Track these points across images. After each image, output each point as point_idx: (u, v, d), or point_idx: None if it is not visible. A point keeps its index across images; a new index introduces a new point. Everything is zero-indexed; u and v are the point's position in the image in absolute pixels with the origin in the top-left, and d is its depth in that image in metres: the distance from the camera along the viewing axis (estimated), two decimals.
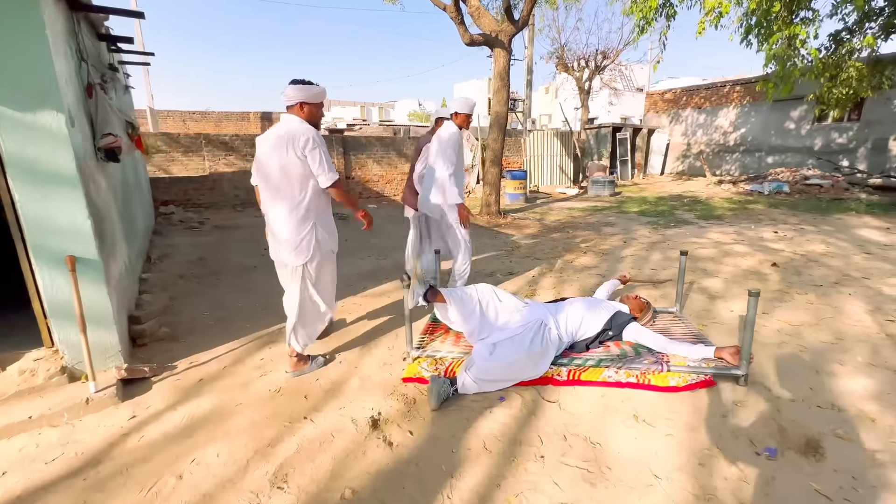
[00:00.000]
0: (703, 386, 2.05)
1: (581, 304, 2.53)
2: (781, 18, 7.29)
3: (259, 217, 8.14)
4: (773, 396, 1.98)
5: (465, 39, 7.28)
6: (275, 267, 2.49)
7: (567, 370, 2.19)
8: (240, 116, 18.09)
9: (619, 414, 1.91)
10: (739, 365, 2.04)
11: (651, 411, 1.92)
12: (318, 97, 2.17)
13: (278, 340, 2.84)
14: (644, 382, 2.08)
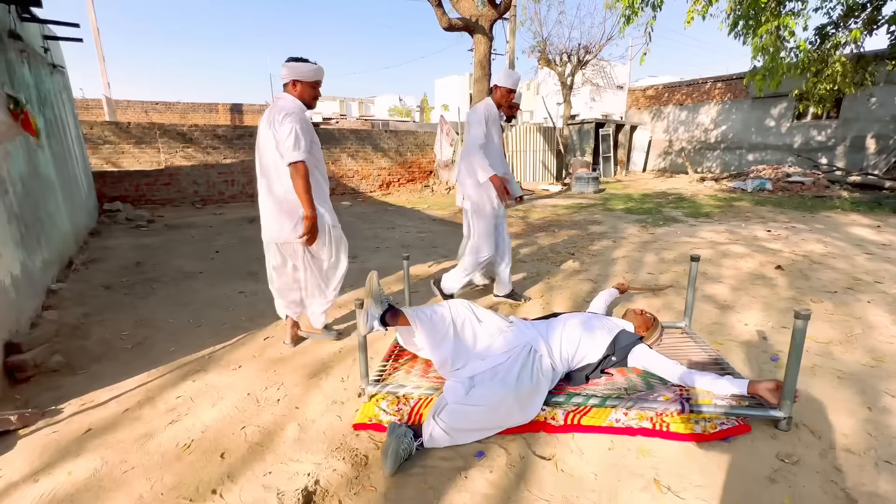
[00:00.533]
0: (737, 433, 1.61)
1: (577, 322, 2.07)
2: (770, 9, 7.03)
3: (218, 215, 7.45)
4: (827, 447, 1.56)
5: (442, 23, 6.77)
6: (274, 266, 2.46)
7: (564, 412, 1.72)
8: (208, 108, 17.11)
9: (634, 477, 1.45)
10: (780, 405, 1.61)
11: (676, 472, 1.46)
12: (311, 75, 2.13)
13: (209, 368, 2.29)
14: (661, 429, 1.63)
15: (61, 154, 4.58)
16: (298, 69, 2.12)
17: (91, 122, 7.64)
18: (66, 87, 5.79)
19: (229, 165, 8.78)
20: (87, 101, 15.09)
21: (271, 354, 2.46)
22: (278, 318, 2.96)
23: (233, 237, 5.58)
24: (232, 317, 2.99)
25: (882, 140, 11.41)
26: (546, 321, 2.13)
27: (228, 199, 8.88)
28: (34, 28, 4.16)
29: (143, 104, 15.84)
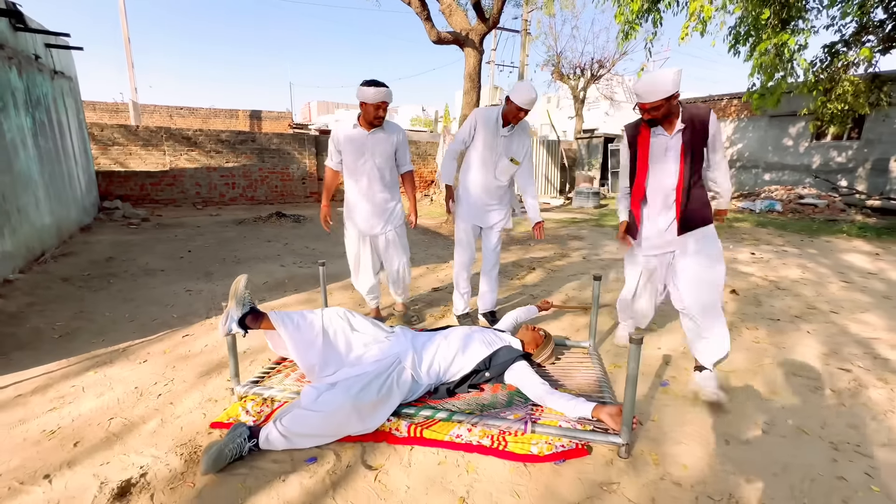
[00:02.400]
0: (572, 456, 1.57)
1: (458, 335, 2.06)
2: (771, 27, 6.85)
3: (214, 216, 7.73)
4: (657, 478, 1.50)
5: (432, 37, 6.89)
6: None
7: (408, 424, 1.72)
8: (229, 114, 17.85)
9: (444, 493, 1.44)
10: (619, 430, 1.56)
11: (487, 492, 1.44)
12: (367, 97, 2.41)
13: (116, 361, 2.39)
14: (498, 447, 1.60)
15: (52, 153, 4.89)
16: (360, 92, 2.43)
17: (102, 124, 8.12)
18: (72, 91, 6.19)
19: (231, 169, 9.12)
20: (118, 105, 16.02)
21: (181, 351, 2.55)
22: (207, 317, 3.07)
23: (213, 238, 5.79)
24: (166, 314, 3.11)
25: None
26: (430, 333, 2.13)
27: (229, 201, 9.21)
28: (30, 38, 4.50)
29: (169, 108, 16.68)
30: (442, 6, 7.14)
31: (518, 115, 2.51)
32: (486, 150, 2.63)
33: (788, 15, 6.86)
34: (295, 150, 9.70)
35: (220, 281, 3.92)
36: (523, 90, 2.45)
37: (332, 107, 51.74)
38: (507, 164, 2.64)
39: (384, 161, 2.62)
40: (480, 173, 2.68)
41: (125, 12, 13.61)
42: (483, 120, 2.60)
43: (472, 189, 2.72)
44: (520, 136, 2.64)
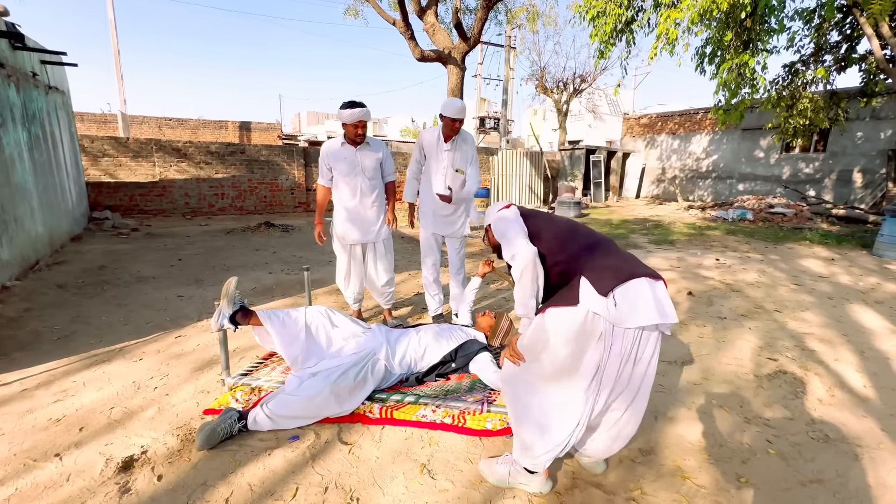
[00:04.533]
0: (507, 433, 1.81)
1: (430, 332, 2.31)
2: (733, 48, 7.32)
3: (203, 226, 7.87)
4: None
5: (415, 55, 7.24)
6: None
7: (380, 407, 1.95)
8: (218, 125, 18.00)
9: (408, 462, 1.67)
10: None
11: (445, 460, 1.68)
12: (344, 118, 2.67)
13: (114, 360, 2.58)
14: (458, 424, 1.85)
15: (45, 165, 5.06)
16: (339, 114, 2.70)
17: (92, 136, 8.26)
18: (65, 105, 6.37)
19: (220, 180, 9.30)
20: (106, 116, 16.08)
21: (175, 350, 2.75)
22: (199, 320, 3.26)
23: (202, 247, 5.97)
24: (159, 317, 3.30)
25: (868, 174, 11.41)
26: (403, 330, 2.37)
27: (217, 211, 9.36)
28: (28, 55, 4.70)
29: (157, 120, 16.80)
30: (426, 26, 7.50)
31: (454, 127, 2.83)
32: (436, 165, 2.97)
33: (749, 37, 7.36)
34: (284, 162, 9.92)
35: (211, 287, 4.11)
36: (449, 103, 2.81)
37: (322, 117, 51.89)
38: (454, 175, 2.96)
39: (372, 175, 2.89)
40: (439, 185, 2.98)
41: (115, 23, 13.79)
42: (427, 142, 2.97)
43: (430, 201, 3.01)
44: (461, 147, 2.95)
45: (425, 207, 3.05)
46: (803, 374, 2.39)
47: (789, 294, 4.14)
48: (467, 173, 2.96)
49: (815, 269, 5.39)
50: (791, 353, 2.71)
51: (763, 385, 2.26)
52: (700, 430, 1.87)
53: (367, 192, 2.89)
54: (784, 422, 1.94)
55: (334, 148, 2.85)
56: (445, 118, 2.81)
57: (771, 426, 1.91)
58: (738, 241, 7.67)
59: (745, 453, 1.71)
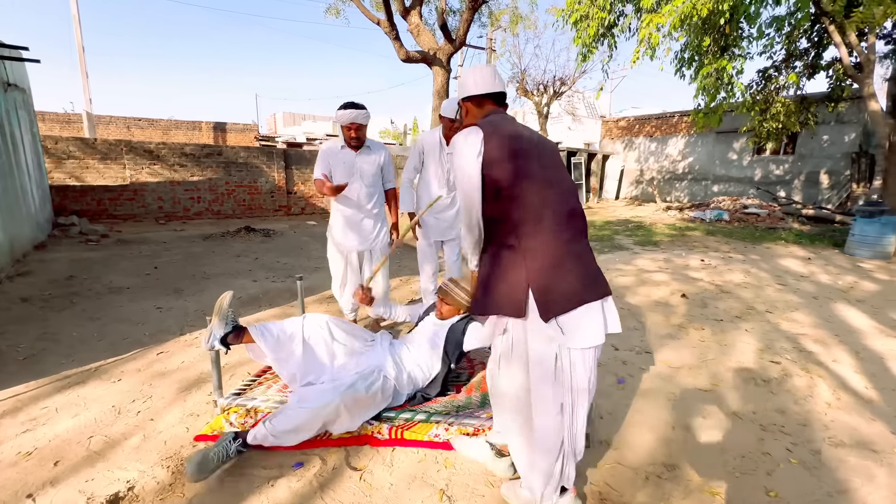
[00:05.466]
0: None
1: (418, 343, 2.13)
2: (711, 53, 7.50)
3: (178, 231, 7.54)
4: (614, 462, 1.69)
5: (400, 55, 7.12)
6: None
7: (389, 427, 1.84)
8: (191, 125, 17.37)
9: (424, 488, 1.56)
10: None
11: (465, 483, 1.58)
12: (339, 119, 2.59)
13: (89, 381, 2.37)
14: None
15: (5, 167, 4.70)
16: (336, 115, 2.60)
17: (56, 137, 7.79)
18: (25, 104, 5.96)
19: (196, 183, 8.93)
20: (70, 116, 15.28)
21: (157, 368, 2.55)
22: (181, 334, 3.06)
23: (179, 253, 5.68)
24: (136, 332, 3.08)
25: (834, 176, 11.93)
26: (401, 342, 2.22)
27: (193, 215, 8.99)
28: None
29: (126, 120, 16.06)
30: (410, 26, 7.39)
31: (454, 127, 2.73)
32: (438, 169, 2.86)
33: (726, 43, 7.56)
34: (263, 164, 9.62)
35: (191, 297, 3.89)
36: (448, 104, 2.74)
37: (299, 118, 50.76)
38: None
39: (371, 181, 2.75)
40: (437, 191, 2.87)
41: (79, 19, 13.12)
42: (428, 145, 2.85)
43: (436, 209, 2.90)
44: None
45: (427, 217, 2.94)
46: (807, 378, 2.40)
47: (777, 294, 4.23)
48: None
49: (795, 268, 5.55)
50: (790, 356, 2.74)
51: (772, 390, 2.25)
52: (719, 441, 1.83)
53: (364, 199, 2.77)
54: (799, 428, 1.93)
55: (334, 149, 2.71)
56: (445, 119, 2.73)
57: (787, 433, 1.89)
58: (718, 241, 7.85)
59: (768, 464, 1.68)
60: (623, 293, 4.18)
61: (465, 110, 1.52)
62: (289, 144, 18.20)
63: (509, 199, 1.30)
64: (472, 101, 1.49)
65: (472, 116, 1.50)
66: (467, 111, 1.52)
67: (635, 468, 1.65)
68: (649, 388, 2.27)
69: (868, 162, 11.73)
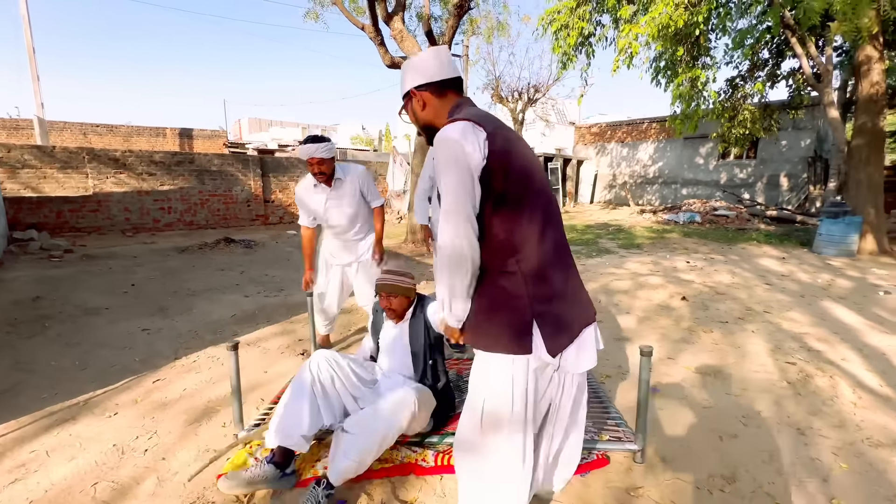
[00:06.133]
0: (595, 467, 1.67)
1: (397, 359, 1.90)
2: (685, 62, 7.81)
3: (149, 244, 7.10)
4: (672, 477, 1.64)
5: (385, 61, 7.01)
6: None
7: (434, 453, 1.72)
8: (154, 132, 16.52)
9: None
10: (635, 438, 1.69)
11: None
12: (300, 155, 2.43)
13: (80, 417, 2.12)
14: None
15: None
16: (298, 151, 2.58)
17: (9, 144, 7.18)
18: None
19: (166, 192, 8.45)
20: (17, 122, 14.20)
21: (156, 399, 2.32)
22: (176, 358, 2.82)
23: (156, 268, 5.31)
24: (124, 358, 2.81)
25: (793, 179, 12.69)
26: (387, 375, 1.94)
27: (164, 227, 8.49)
28: None
29: (82, 126, 15.07)
30: (393, 32, 7.30)
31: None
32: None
33: (698, 53, 7.90)
34: (238, 172, 9.23)
35: (179, 316, 3.62)
36: None
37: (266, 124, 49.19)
38: None
39: (353, 208, 2.61)
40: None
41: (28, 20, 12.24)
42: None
43: None
44: None
45: None
46: (827, 378, 2.46)
47: (767, 294, 4.38)
48: None
49: (773, 267, 5.79)
50: (800, 356, 2.81)
51: (800, 392, 2.29)
52: (766, 447, 1.82)
53: (347, 227, 2.66)
54: (836, 430, 1.95)
55: (308, 189, 2.55)
56: None
57: (825, 436, 1.91)
58: (696, 243, 8.13)
59: (821, 470, 1.68)
60: (624, 298, 4.21)
61: (422, 102, 1.21)
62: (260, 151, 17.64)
63: (512, 216, 1.07)
64: (432, 90, 1.19)
65: (432, 109, 1.21)
66: (424, 103, 1.21)
67: (696, 483, 1.61)
68: (683, 396, 2.26)
69: (823, 166, 12.55)
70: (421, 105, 1.23)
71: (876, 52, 6.92)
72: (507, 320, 1.10)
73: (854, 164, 7.31)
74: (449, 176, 1.05)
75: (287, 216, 10.14)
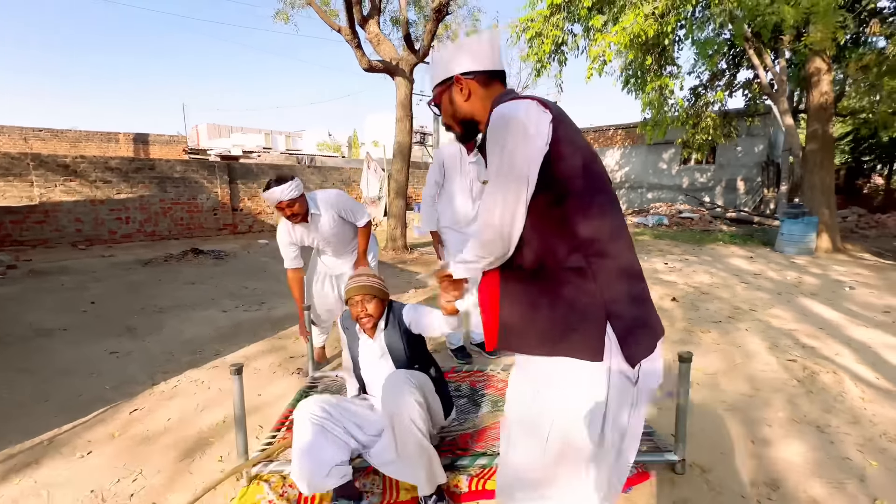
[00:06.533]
0: (637, 482, 1.59)
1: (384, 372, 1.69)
2: (653, 71, 8.11)
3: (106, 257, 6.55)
4: (717, 487, 1.59)
5: (363, 65, 6.84)
6: None
7: (468, 478, 1.59)
8: (106, 137, 15.44)
9: None
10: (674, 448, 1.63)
11: None
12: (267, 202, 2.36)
13: (45, 459, 1.83)
14: None
15: None
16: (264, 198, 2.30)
17: None
18: None
19: (124, 201, 7.85)
20: None
21: (137, 432, 2.05)
22: (153, 383, 2.54)
23: (117, 284, 4.87)
24: (92, 385, 2.50)
25: (749, 182, 13.46)
26: None
27: (122, 238, 7.88)
28: None
29: (22, 130, 13.84)
30: (369, 35, 7.15)
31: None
32: (461, 180, 2.70)
33: (665, 62, 8.23)
34: (204, 179, 8.73)
35: (150, 336, 3.29)
36: None
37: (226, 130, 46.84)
38: (481, 188, 2.74)
39: (339, 234, 2.50)
40: (463, 205, 2.71)
41: None
42: (448, 157, 2.69)
43: (460, 221, 2.72)
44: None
45: (451, 231, 2.73)
46: (831, 374, 2.51)
47: (747, 293, 4.53)
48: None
49: (744, 266, 6.05)
50: (797, 353, 2.88)
51: (811, 390, 2.32)
52: (797, 450, 1.81)
53: (340, 249, 2.58)
54: (853, 427, 1.98)
55: (287, 231, 2.40)
56: None
57: (846, 433, 1.93)
58: (668, 244, 8.41)
59: (854, 469, 1.68)
60: None
61: (467, 91, 1.08)
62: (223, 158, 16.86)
63: (577, 209, 0.97)
64: (480, 79, 1.08)
65: (478, 99, 1.09)
66: (470, 92, 1.09)
67: (741, 493, 1.56)
68: (701, 400, 2.24)
69: (775, 170, 13.41)
70: (465, 94, 1.08)
71: (824, 65, 7.45)
72: (574, 320, 0.95)
73: (808, 169, 7.80)
74: (504, 157, 0.94)
75: (257, 225, 9.69)
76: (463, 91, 1.08)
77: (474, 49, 1.08)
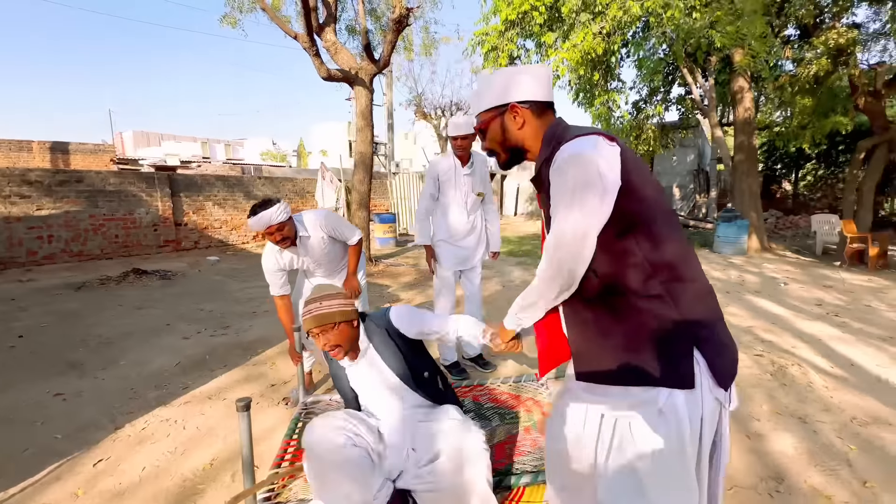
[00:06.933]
0: None
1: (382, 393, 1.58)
2: (600, 86, 8.62)
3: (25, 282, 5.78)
4: (729, 484, 1.66)
5: (321, 73, 6.63)
6: None
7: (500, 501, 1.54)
8: (16, 146, 13.72)
9: None
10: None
11: None
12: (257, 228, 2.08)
13: None
14: None
15: None
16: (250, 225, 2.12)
17: None
18: None
19: (45, 218, 6.98)
20: None
21: (107, 487, 1.79)
22: (116, 427, 2.24)
23: (47, 313, 4.29)
24: (38, 436, 2.16)
25: (683, 189, 14.65)
26: None
27: (43, 260, 6.99)
28: None
29: None
30: (326, 44, 6.97)
31: (464, 146, 2.58)
32: (455, 193, 2.70)
33: (610, 77, 8.79)
34: (142, 192, 7.99)
35: (101, 372, 2.92)
36: (452, 122, 2.62)
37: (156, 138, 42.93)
38: (475, 200, 2.75)
39: (330, 254, 2.42)
40: (458, 218, 2.71)
41: None
42: (444, 170, 2.68)
43: (454, 234, 2.70)
44: (479, 169, 2.75)
45: (445, 244, 2.69)
46: (797, 367, 2.75)
47: None
48: (486, 196, 2.77)
49: None
50: (761, 347, 3.13)
51: (784, 382, 2.52)
52: (788, 442, 1.95)
53: (333, 268, 2.51)
54: (826, 414, 2.17)
55: (275, 255, 2.28)
56: (455, 139, 2.57)
57: (821, 421, 2.11)
58: None
59: (839, 455, 1.84)
60: None
61: (521, 119, 1.07)
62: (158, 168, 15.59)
63: (649, 237, 0.98)
64: (533, 109, 1.08)
65: (531, 129, 1.08)
66: (524, 121, 1.08)
67: (752, 488, 1.64)
68: None
69: (705, 177, 14.70)
70: (520, 123, 1.06)
71: (746, 84, 8.33)
72: (661, 348, 0.94)
73: (737, 177, 8.64)
74: (576, 193, 0.93)
75: (203, 240, 9.01)
76: (517, 119, 1.07)
77: (532, 78, 1.07)
